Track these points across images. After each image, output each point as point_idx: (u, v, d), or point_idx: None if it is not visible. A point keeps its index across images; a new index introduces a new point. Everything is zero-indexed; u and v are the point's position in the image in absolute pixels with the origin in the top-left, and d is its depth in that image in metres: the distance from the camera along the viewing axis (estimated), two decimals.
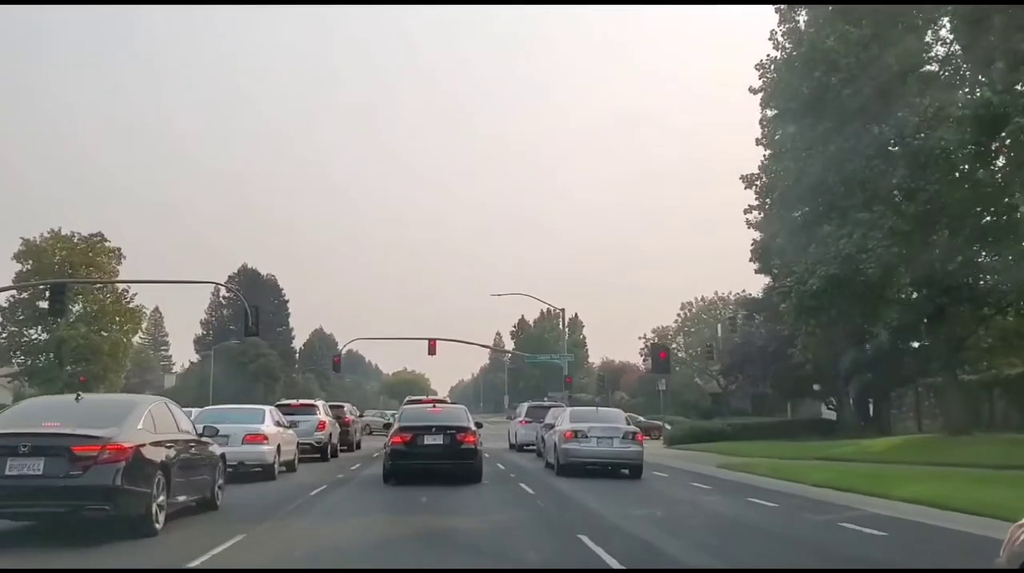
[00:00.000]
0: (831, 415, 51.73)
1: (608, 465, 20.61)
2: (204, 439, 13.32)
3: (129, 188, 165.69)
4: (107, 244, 71.88)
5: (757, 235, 46.13)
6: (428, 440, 19.03)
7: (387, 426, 20.30)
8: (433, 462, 18.94)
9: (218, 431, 13.68)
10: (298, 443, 23.06)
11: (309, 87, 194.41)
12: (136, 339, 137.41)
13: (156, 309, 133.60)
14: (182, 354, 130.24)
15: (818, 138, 28.15)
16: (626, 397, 75.07)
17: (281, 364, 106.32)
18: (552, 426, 23.60)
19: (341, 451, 31.40)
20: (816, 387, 47.21)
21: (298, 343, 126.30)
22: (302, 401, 27.54)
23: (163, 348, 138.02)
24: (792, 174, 29.36)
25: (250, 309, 40.00)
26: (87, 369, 70.30)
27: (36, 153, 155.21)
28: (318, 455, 26.36)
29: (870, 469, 21.57)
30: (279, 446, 19.95)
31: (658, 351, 41.44)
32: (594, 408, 24.20)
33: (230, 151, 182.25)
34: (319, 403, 27.55)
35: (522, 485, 18.15)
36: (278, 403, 28.08)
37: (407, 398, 29.90)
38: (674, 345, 72.91)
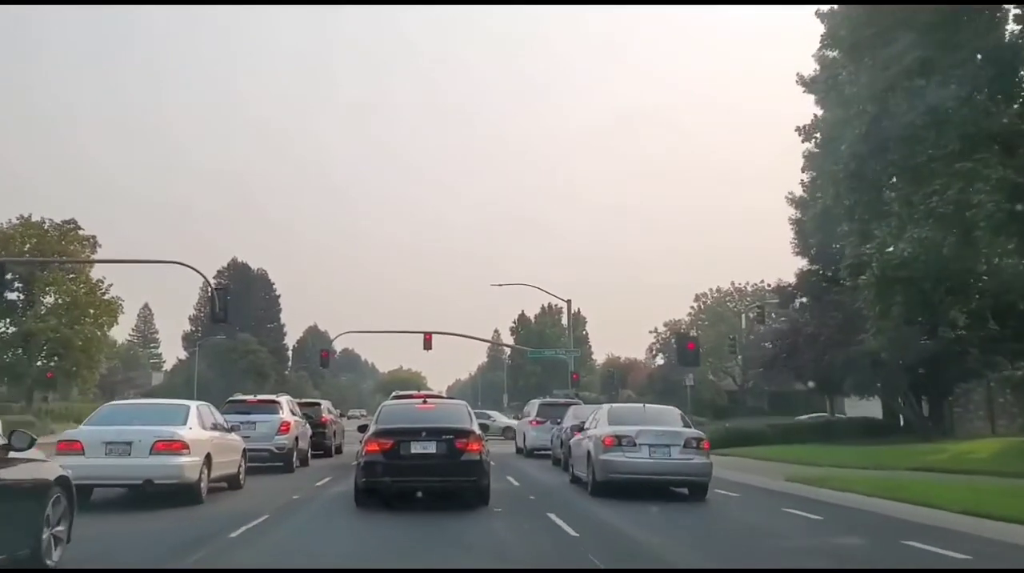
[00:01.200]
0: (861, 413, 46.27)
1: (664, 483, 14.74)
2: (16, 455, 7.44)
3: (128, 187, 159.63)
4: (80, 232, 66.04)
5: (796, 213, 40.67)
6: (415, 448, 13.26)
7: (362, 429, 14.37)
8: (422, 480, 13.23)
9: (34, 440, 7.70)
10: (247, 450, 17.16)
11: (309, 86, 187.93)
12: (126, 336, 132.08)
13: (146, 305, 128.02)
14: (173, 352, 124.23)
15: (902, 72, 22.25)
16: (633, 395, 69.22)
17: (272, 361, 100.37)
18: (580, 428, 17.68)
19: (316, 457, 25.52)
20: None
21: (293, 340, 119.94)
22: (260, 397, 21.55)
23: (152, 345, 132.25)
24: (866, 120, 23.49)
25: (218, 292, 34.30)
26: (59, 365, 64.46)
27: (35, 152, 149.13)
28: (281, 464, 20.46)
29: (1015, 486, 15.60)
30: (209, 456, 14.00)
31: (685, 342, 35.52)
32: (640, 405, 17.65)
33: (229, 150, 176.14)
34: (282, 399, 21.53)
35: (552, 517, 12.16)
36: (230, 399, 22.16)
37: (393, 393, 23.98)
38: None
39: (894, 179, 23.29)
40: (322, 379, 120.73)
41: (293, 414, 21.76)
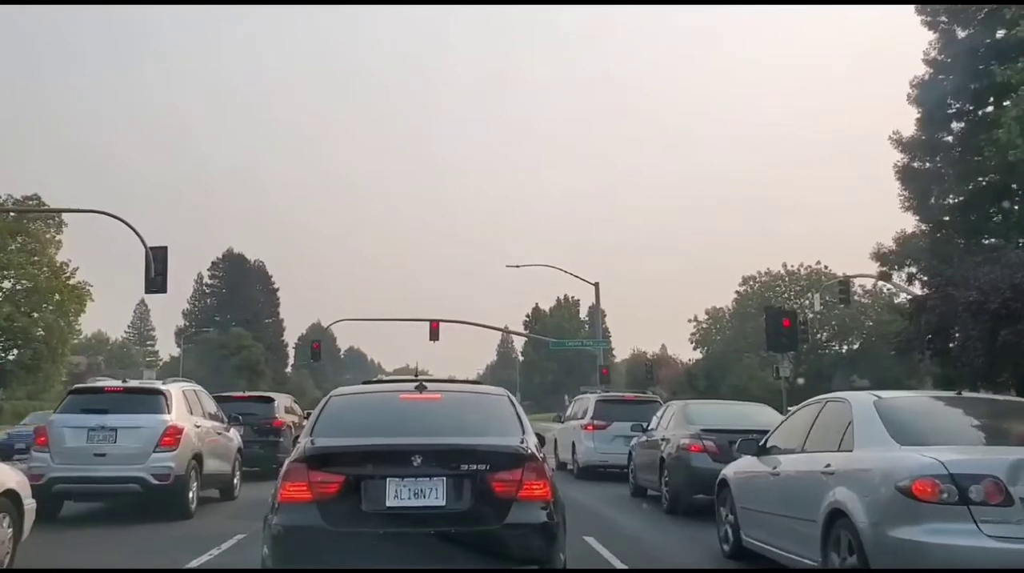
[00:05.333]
0: None
1: None
2: None
3: (142, 192, 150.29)
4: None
5: (903, 158, 31.25)
6: (398, 495, 4.19)
7: (295, 442, 3.61)
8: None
9: None
10: (97, 481, 7.78)
11: (314, 75, 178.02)
12: (121, 333, 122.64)
13: (142, 301, 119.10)
14: (169, 349, 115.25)
15: None
16: (664, 394, 59.48)
17: (268, 357, 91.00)
18: (753, 447, 8.01)
19: (264, 478, 15.95)
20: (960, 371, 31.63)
21: (295, 337, 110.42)
22: (130, 384, 11.81)
23: (149, 343, 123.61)
24: None
25: (153, 251, 24.99)
26: (18, 357, 55.50)
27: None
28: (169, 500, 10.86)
29: None
30: None
31: (778, 319, 25.82)
32: (954, 394, 7.24)
33: (225, 136, 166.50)
34: (171, 388, 11.54)
35: None
36: (75, 387, 12.54)
37: (372, 378, 14.76)
38: (728, 331, 57.19)
39: None
40: (324, 378, 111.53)
41: (194, 414, 12.06)
